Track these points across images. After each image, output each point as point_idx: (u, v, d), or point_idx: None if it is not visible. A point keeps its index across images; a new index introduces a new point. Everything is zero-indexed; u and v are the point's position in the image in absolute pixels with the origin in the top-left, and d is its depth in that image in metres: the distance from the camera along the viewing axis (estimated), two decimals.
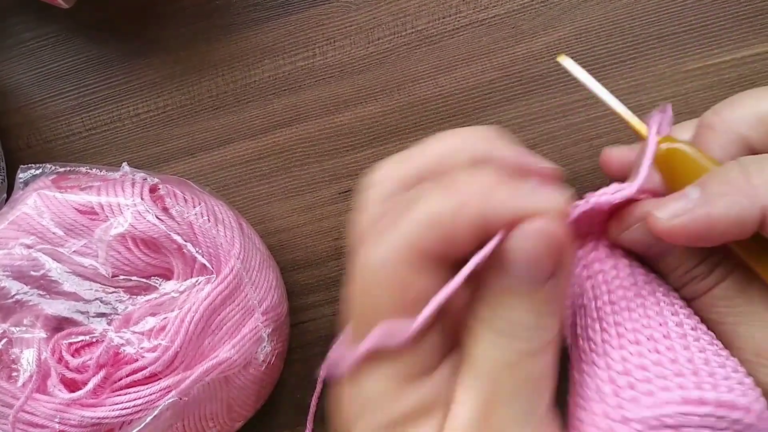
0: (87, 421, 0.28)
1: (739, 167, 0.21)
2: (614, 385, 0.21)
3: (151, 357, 0.28)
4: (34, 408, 0.28)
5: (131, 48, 0.36)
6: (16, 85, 0.37)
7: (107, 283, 0.30)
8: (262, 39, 0.36)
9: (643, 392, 0.20)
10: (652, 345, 0.21)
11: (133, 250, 0.30)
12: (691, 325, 0.22)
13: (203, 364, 0.29)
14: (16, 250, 0.29)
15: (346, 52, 0.35)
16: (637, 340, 0.21)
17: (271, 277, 0.32)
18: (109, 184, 0.30)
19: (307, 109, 0.36)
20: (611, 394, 0.21)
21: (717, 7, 0.33)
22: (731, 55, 0.34)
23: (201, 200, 0.31)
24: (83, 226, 0.29)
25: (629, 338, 0.22)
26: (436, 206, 0.19)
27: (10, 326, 0.29)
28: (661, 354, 0.21)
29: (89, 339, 0.29)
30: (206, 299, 0.29)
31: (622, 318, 0.22)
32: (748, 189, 0.20)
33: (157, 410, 0.28)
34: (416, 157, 0.22)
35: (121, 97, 0.37)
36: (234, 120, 0.36)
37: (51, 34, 0.37)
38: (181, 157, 0.36)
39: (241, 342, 0.30)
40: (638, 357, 0.21)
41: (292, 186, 0.36)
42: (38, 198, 0.29)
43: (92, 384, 0.28)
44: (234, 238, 0.30)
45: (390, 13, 0.35)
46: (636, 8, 0.34)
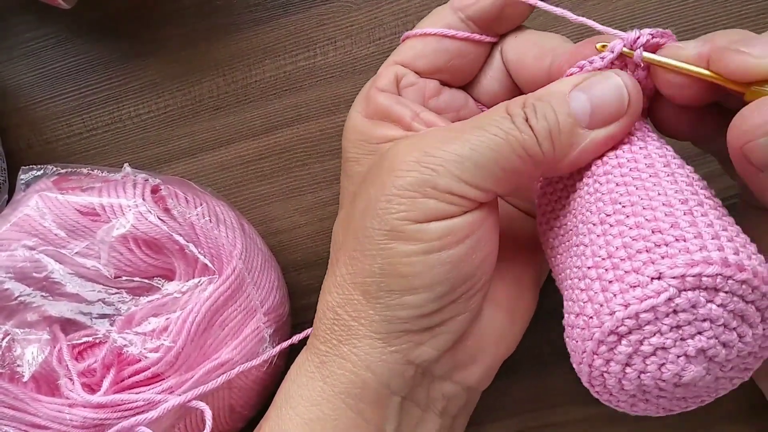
0: (90, 422, 0.28)
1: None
2: (612, 259, 0.20)
3: (154, 357, 0.28)
4: (37, 409, 0.28)
5: (132, 48, 0.36)
6: (17, 85, 0.37)
7: (110, 284, 0.30)
8: (263, 39, 0.36)
9: (643, 261, 0.20)
10: (650, 214, 0.21)
11: (135, 251, 0.30)
12: (699, 198, 0.21)
13: (205, 364, 0.29)
14: (19, 251, 0.29)
15: (348, 51, 0.35)
16: (634, 213, 0.21)
17: (272, 277, 0.32)
18: (111, 185, 0.30)
19: (308, 109, 0.36)
20: (610, 269, 0.20)
21: (719, 7, 0.33)
22: None
23: (202, 201, 0.31)
24: (85, 227, 0.29)
25: (626, 212, 0.21)
26: None
27: (13, 327, 0.29)
28: (660, 221, 0.20)
29: (92, 340, 0.29)
30: (208, 299, 0.29)
31: (620, 194, 0.22)
32: None
33: (160, 409, 0.28)
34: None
35: (122, 97, 0.37)
36: (235, 120, 0.36)
37: (51, 34, 0.37)
38: (183, 157, 0.36)
39: (243, 342, 0.30)
40: (636, 228, 0.20)
41: (294, 186, 0.36)
42: (40, 199, 0.29)
43: (107, 383, 0.28)
44: (236, 239, 0.31)
45: (391, 12, 0.35)
46: (636, 8, 0.34)
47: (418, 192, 0.22)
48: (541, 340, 0.32)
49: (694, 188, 0.22)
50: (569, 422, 0.33)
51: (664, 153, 0.23)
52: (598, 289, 0.20)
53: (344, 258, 0.25)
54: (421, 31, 0.27)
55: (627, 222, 0.21)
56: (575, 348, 0.21)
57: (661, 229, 0.20)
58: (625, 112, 0.23)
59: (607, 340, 0.20)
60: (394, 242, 0.23)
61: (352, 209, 0.25)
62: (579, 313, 0.21)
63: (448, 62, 0.27)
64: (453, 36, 0.27)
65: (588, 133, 0.23)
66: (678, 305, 0.19)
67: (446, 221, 0.23)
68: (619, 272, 0.20)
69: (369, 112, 0.27)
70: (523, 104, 0.23)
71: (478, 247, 0.23)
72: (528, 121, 0.22)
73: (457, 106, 0.28)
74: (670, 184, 0.22)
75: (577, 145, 0.23)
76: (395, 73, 0.27)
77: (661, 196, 0.21)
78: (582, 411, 0.33)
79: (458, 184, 0.22)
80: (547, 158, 0.23)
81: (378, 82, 0.27)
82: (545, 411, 0.34)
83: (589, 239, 0.22)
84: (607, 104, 0.23)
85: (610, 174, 0.23)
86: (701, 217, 0.20)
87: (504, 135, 0.22)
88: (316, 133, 0.36)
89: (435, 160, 0.23)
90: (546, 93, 0.23)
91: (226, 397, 0.30)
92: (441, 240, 0.23)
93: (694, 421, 0.32)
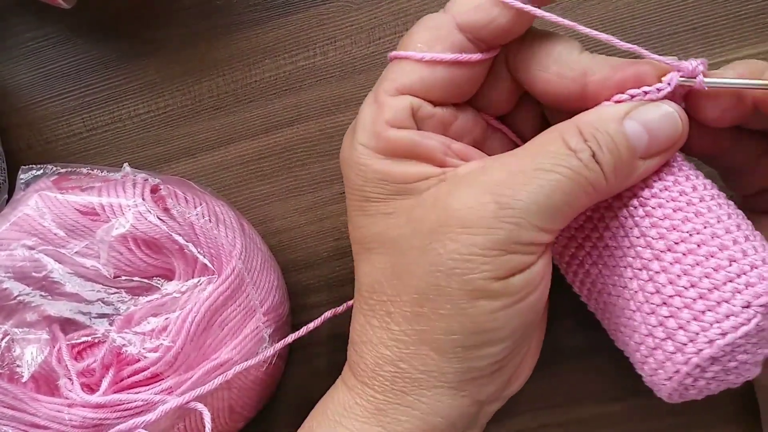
0: (89, 422, 0.28)
1: None
2: (697, 289, 0.22)
3: (153, 357, 0.28)
4: (36, 409, 0.28)
5: (132, 48, 0.36)
6: (16, 85, 0.37)
7: (109, 283, 0.30)
8: (262, 39, 0.36)
9: (731, 292, 0.22)
10: (719, 242, 0.22)
11: (135, 251, 0.30)
12: (746, 223, 0.23)
13: (205, 364, 0.29)
14: (18, 251, 0.29)
15: (348, 51, 0.35)
16: (703, 242, 0.22)
17: (272, 277, 0.32)
18: (110, 184, 0.30)
19: (308, 109, 0.36)
20: (697, 299, 0.22)
21: (718, 6, 0.33)
22: (733, 54, 0.34)
23: (202, 200, 0.31)
24: (85, 227, 0.29)
25: (695, 241, 0.23)
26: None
27: (13, 327, 0.29)
28: (731, 250, 0.22)
29: (91, 340, 0.29)
30: (208, 299, 0.29)
31: (680, 220, 0.23)
32: None
33: (158, 411, 0.28)
34: None
35: (122, 97, 0.37)
36: (235, 120, 0.36)
37: (51, 34, 0.37)
38: (182, 157, 0.36)
39: (242, 342, 0.30)
40: (713, 258, 0.22)
41: (294, 186, 0.36)
42: (39, 199, 0.29)
43: (106, 383, 0.28)
44: (235, 239, 0.30)
45: (391, 12, 0.35)
46: (637, 7, 0.34)
47: (503, 249, 0.22)
48: (543, 341, 0.31)
49: (737, 212, 0.24)
50: (570, 422, 0.33)
51: (698, 174, 0.24)
52: (689, 318, 0.22)
53: (403, 312, 0.24)
54: (431, 56, 0.24)
55: (699, 252, 0.22)
56: (661, 367, 0.23)
57: (735, 258, 0.22)
58: (678, 141, 0.23)
59: (704, 364, 0.22)
60: (479, 301, 0.22)
61: (405, 262, 0.23)
62: (667, 337, 0.23)
63: (462, 87, 0.25)
64: (467, 60, 0.24)
65: (642, 163, 0.23)
66: (761, 327, 0.22)
67: (527, 271, 0.22)
68: (710, 303, 0.22)
69: (382, 149, 0.24)
70: (580, 134, 0.22)
71: (546, 289, 0.24)
72: (595, 156, 0.22)
73: (470, 127, 0.26)
74: (719, 208, 0.23)
75: (635, 174, 0.23)
76: (410, 104, 0.24)
77: (720, 223, 0.23)
78: (582, 410, 0.33)
79: (539, 234, 0.22)
80: (610, 189, 0.23)
81: (386, 115, 0.24)
82: (545, 411, 0.34)
83: (660, 266, 0.23)
84: (663, 134, 0.23)
85: (658, 197, 0.24)
86: (758, 242, 0.23)
87: (574, 176, 0.22)
88: (315, 132, 0.36)
89: (514, 213, 0.22)
90: (601, 121, 0.23)
91: (225, 398, 0.30)
92: (523, 291, 0.23)
93: (697, 421, 0.32)
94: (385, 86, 0.24)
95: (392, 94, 0.24)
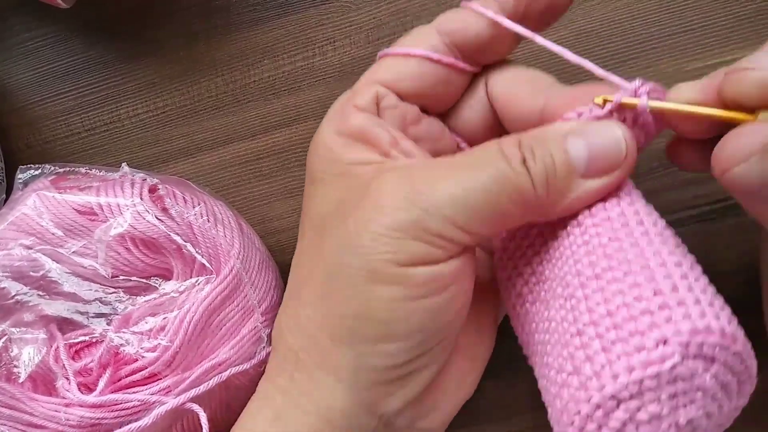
0: (86, 422, 0.28)
1: None
2: (613, 318, 0.20)
3: (151, 357, 0.28)
4: (34, 408, 0.28)
5: (130, 48, 0.36)
6: (15, 85, 0.37)
7: (107, 283, 0.30)
8: (261, 39, 0.36)
9: (647, 324, 0.19)
10: (649, 274, 0.20)
11: (133, 251, 0.30)
12: (690, 261, 0.21)
13: (203, 364, 0.29)
14: (16, 250, 0.29)
15: (346, 52, 0.35)
16: (632, 271, 0.20)
17: (270, 277, 0.32)
18: (109, 184, 0.30)
19: (306, 110, 0.36)
20: (611, 328, 0.19)
21: (718, 7, 0.33)
22: (732, 55, 0.34)
23: (200, 200, 0.31)
24: (83, 226, 0.29)
25: (623, 269, 0.20)
26: None
27: (10, 326, 0.29)
28: (659, 282, 0.20)
29: (89, 339, 0.29)
30: (206, 299, 0.29)
31: (614, 249, 0.21)
32: None
33: (156, 410, 0.27)
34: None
35: (121, 97, 0.37)
36: (233, 120, 0.36)
37: (50, 34, 0.37)
38: (181, 157, 0.36)
39: (240, 342, 0.30)
40: (637, 288, 0.20)
41: (292, 186, 0.36)
42: (37, 198, 0.29)
43: (102, 383, 0.28)
44: (233, 239, 0.30)
45: (390, 13, 0.35)
46: (637, 8, 0.34)
47: (407, 233, 0.21)
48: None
49: (683, 250, 0.21)
50: None
51: (651, 211, 0.23)
52: (599, 348, 0.19)
53: (310, 296, 0.23)
54: (403, 50, 0.25)
55: (626, 280, 0.20)
56: (565, 408, 0.20)
57: (662, 291, 0.19)
58: (621, 165, 0.22)
59: (606, 404, 0.19)
60: (376, 285, 0.21)
61: (322, 241, 0.23)
62: (573, 371, 0.20)
63: (432, 87, 0.25)
64: (438, 60, 0.25)
65: (583, 182, 0.22)
66: (679, 374, 0.19)
67: (432, 266, 0.21)
68: (622, 333, 0.19)
69: (343, 130, 0.25)
70: (518, 144, 0.22)
71: (458, 296, 0.22)
72: (525, 162, 0.21)
73: (434, 136, 0.26)
74: (662, 244, 0.21)
75: (571, 192, 0.22)
76: (376, 93, 0.25)
77: (656, 256, 0.20)
78: None
79: (449, 227, 0.21)
80: (540, 202, 0.22)
81: (357, 100, 0.25)
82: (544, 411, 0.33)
83: (584, 293, 0.21)
84: (605, 154, 0.22)
85: (600, 227, 0.22)
86: (695, 282, 0.20)
87: (499, 176, 0.21)
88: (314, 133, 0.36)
89: (426, 199, 0.21)
90: (543, 135, 0.22)
91: (223, 398, 0.30)
92: (426, 286, 0.21)
93: None
94: (364, 77, 0.26)
95: (367, 84, 0.25)
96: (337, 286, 0.22)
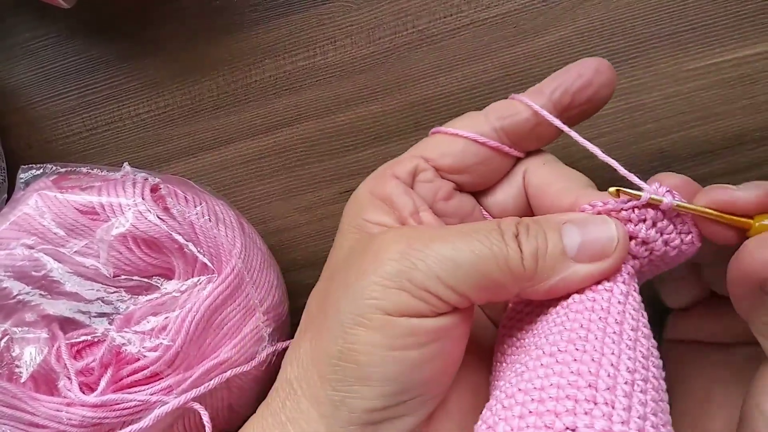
0: (88, 421, 0.28)
1: None
2: (541, 392, 0.20)
3: (153, 356, 0.28)
4: (35, 408, 0.28)
5: (132, 48, 0.36)
6: (16, 85, 0.37)
7: (109, 283, 0.30)
8: (263, 39, 0.36)
9: (566, 409, 0.19)
10: (595, 367, 0.20)
11: (135, 250, 0.30)
12: (647, 375, 0.21)
13: (204, 363, 0.29)
14: (18, 250, 0.29)
15: (347, 51, 0.35)
16: (581, 359, 0.21)
17: (272, 276, 0.32)
18: (110, 184, 0.30)
19: (308, 109, 0.36)
20: (536, 401, 0.20)
21: (718, 6, 0.33)
22: (733, 54, 0.34)
23: (202, 200, 0.31)
24: (84, 226, 0.29)
25: (575, 356, 0.21)
26: None
27: (12, 326, 0.29)
28: (600, 378, 0.20)
29: (91, 339, 0.29)
30: (207, 299, 0.29)
31: (579, 336, 0.21)
32: None
33: (157, 410, 0.27)
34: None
35: (122, 97, 0.37)
36: (235, 120, 0.36)
37: (51, 34, 0.37)
38: (182, 156, 0.36)
39: (242, 342, 0.30)
40: (576, 375, 0.20)
41: (293, 186, 0.36)
42: (39, 198, 0.29)
43: (104, 383, 0.28)
44: (235, 238, 0.30)
45: (391, 12, 0.35)
46: (637, 7, 0.34)
47: (394, 282, 0.22)
48: None
49: (647, 363, 0.22)
50: None
51: (638, 317, 0.23)
52: (518, 413, 0.20)
53: (311, 332, 0.24)
54: (453, 130, 0.27)
55: (571, 365, 0.20)
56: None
57: (597, 386, 0.20)
58: (610, 256, 0.23)
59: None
60: (360, 328, 0.22)
61: (329, 286, 0.25)
62: (490, 426, 0.20)
63: (473, 167, 0.27)
64: (484, 143, 0.27)
65: (572, 264, 0.23)
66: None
67: (415, 320, 0.22)
68: (541, 408, 0.19)
69: (375, 191, 0.26)
70: (516, 223, 0.23)
71: (440, 355, 0.23)
72: (517, 237, 0.23)
73: (463, 213, 0.28)
74: (627, 348, 0.21)
75: (560, 272, 0.23)
76: (416, 165, 0.27)
77: (613, 356, 0.21)
78: None
79: (434, 283, 0.22)
80: (528, 276, 0.23)
81: (396, 168, 0.27)
82: None
83: (533, 364, 0.21)
84: (595, 243, 0.23)
85: (581, 314, 0.23)
86: (639, 393, 0.20)
87: (489, 245, 0.22)
88: (315, 132, 0.36)
89: (417, 254, 0.22)
90: (542, 219, 0.24)
91: (225, 397, 0.30)
92: (406, 338, 0.22)
93: None
94: (412, 149, 0.28)
95: (411, 156, 0.27)
96: (329, 325, 0.23)
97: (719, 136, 0.35)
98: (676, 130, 0.35)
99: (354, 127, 0.36)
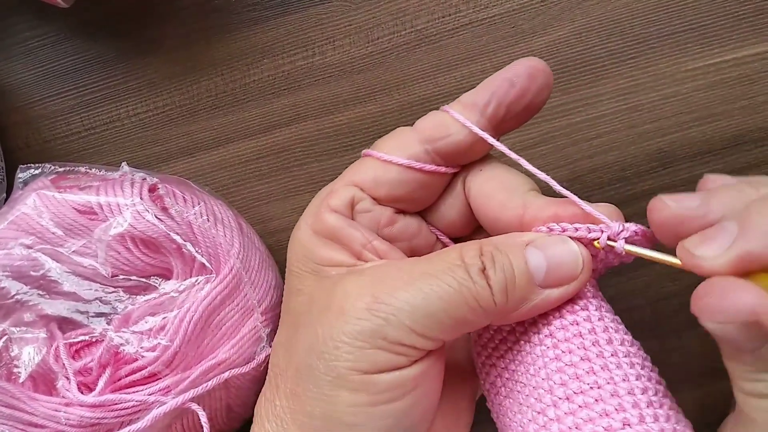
0: (86, 421, 0.28)
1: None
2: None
3: (151, 356, 0.28)
4: (34, 408, 0.28)
5: (130, 48, 0.36)
6: (15, 84, 0.37)
7: (107, 282, 0.30)
8: (261, 38, 0.36)
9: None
10: (617, 402, 0.21)
11: (133, 250, 0.30)
12: (655, 387, 0.22)
13: (202, 363, 0.29)
14: (16, 250, 0.29)
15: (346, 51, 0.35)
16: (602, 398, 0.21)
17: (270, 276, 0.32)
18: (109, 183, 0.30)
19: (306, 109, 0.36)
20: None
21: (717, 7, 0.33)
22: (732, 55, 0.34)
23: (200, 200, 0.31)
24: (82, 225, 0.29)
25: (593, 396, 0.21)
26: None
27: (10, 326, 0.29)
28: (627, 412, 0.21)
29: (89, 339, 0.29)
30: (206, 299, 0.29)
31: (585, 371, 0.22)
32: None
33: (155, 411, 0.28)
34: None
35: (121, 96, 0.37)
36: (233, 120, 0.36)
37: (50, 33, 0.37)
38: (181, 156, 0.36)
39: (240, 342, 0.30)
40: (606, 418, 0.21)
41: (292, 186, 0.36)
42: (37, 198, 0.29)
43: (102, 383, 0.28)
44: (233, 238, 0.30)
45: (389, 12, 0.35)
46: (636, 7, 0.34)
47: (368, 342, 0.22)
48: None
49: (649, 374, 0.22)
50: None
51: (617, 326, 0.23)
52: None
53: (284, 388, 0.24)
54: (386, 156, 0.25)
55: (595, 408, 0.21)
56: None
57: (630, 422, 0.20)
58: (576, 278, 0.23)
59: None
60: (340, 390, 0.22)
61: (296, 338, 0.24)
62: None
63: (411, 193, 0.26)
64: (420, 169, 0.25)
65: (541, 291, 0.23)
66: None
67: (395, 373, 0.22)
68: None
69: (317, 229, 0.25)
70: (480, 252, 0.23)
71: (424, 397, 0.23)
72: (485, 271, 0.22)
73: (410, 234, 0.27)
74: (629, 367, 0.22)
75: (530, 300, 0.23)
76: (352, 196, 0.26)
77: (625, 382, 0.21)
78: None
79: (409, 335, 0.22)
80: (498, 310, 0.22)
81: (331, 201, 0.25)
82: None
83: (555, 414, 0.21)
84: (562, 266, 0.23)
85: (571, 342, 0.23)
86: (661, 410, 0.21)
87: (457, 286, 0.22)
88: (314, 132, 0.36)
89: (386, 309, 0.22)
90: (504, 243, 0.23)
91: (223, 397, 0.30)
92: (389, 392, 0.22)
93: None
94: (344, 177, 0.26)
95: (346, 184, 0.26)
96: (305, 386, 0.23)
97: (718, 136, 0.35)
98: (675, 130, 0.35)
99: (352, 127, 0.36)
